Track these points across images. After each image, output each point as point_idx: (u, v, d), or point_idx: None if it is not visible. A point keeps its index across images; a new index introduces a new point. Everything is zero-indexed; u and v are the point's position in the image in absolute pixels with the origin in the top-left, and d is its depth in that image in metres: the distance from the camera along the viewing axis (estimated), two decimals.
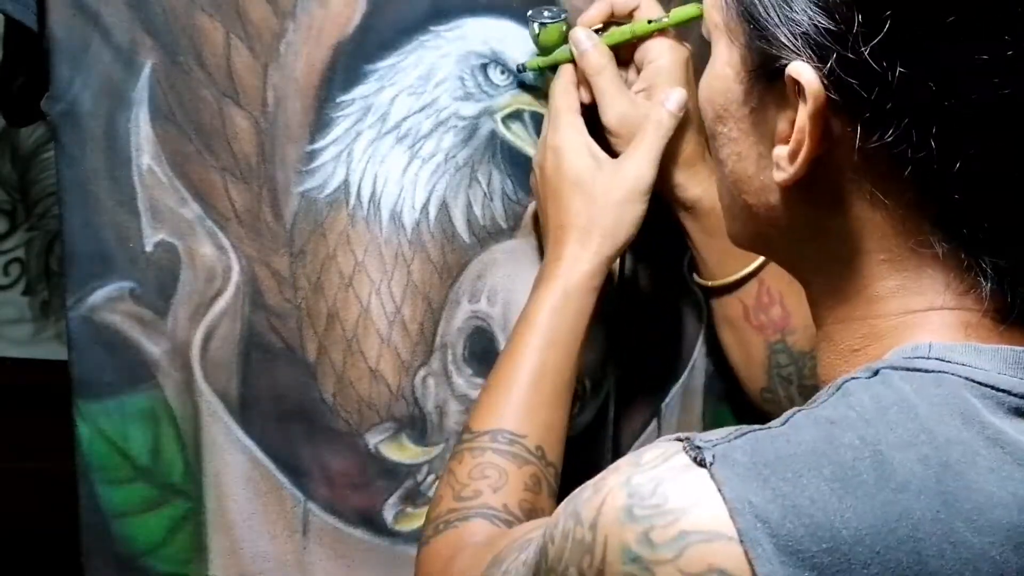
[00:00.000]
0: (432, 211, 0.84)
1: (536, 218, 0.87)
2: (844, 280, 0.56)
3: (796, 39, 0.51)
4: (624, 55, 0.84)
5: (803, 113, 0.51)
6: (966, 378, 0.50)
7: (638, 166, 0.78)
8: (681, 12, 0.81)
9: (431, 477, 0.86)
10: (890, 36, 0.48)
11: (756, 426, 0.50)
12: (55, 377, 0.87)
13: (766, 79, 0.54)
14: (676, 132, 0.80)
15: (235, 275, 0.80)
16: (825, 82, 0.50)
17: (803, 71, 0.50)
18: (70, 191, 0.77)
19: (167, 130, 0.78)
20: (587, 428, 0.90)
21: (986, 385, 0.50)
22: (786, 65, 0.51)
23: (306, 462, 0.83)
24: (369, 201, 0.82)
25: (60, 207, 0.78)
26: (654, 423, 0.94)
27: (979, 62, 0.48)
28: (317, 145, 0.81)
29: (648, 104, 0.80)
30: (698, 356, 0.97)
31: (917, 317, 0.54)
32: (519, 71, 0.85)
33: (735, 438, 0.49)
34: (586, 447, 0.90)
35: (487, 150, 0.85)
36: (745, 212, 0.60)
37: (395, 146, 0.83)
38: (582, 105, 0.82)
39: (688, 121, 0.81)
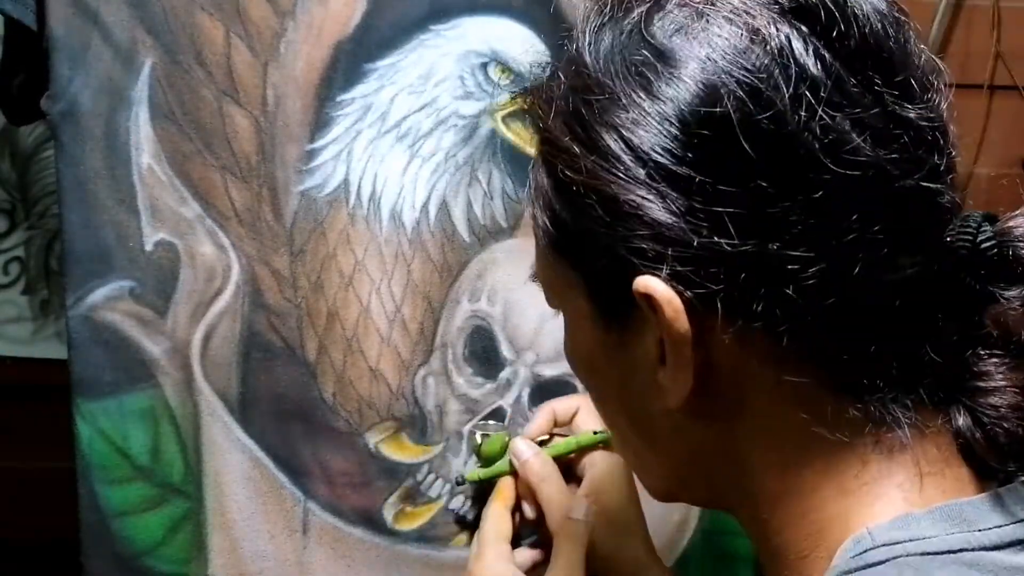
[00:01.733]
0: (432, 210, 0.84)
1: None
2: (770, 483, 0.52)
3: (631, 258, 0.48)
4: (566, 462, 0.82)
5: (665, 323, 0.48)
6: (922, 553, 0.47)
7: None
8: None
9: (431, 476, 0.86)
10: (715, 216, 0.46)
11: None
12: (55, 376, 0.86)
13: (614, 310, 0.51)
14: (624, 541, 0.78)
15: (235, 274, 0.80)
16: (671, 283, 0.48)
17: (648, 281, 0.48)
18: (70, 190, 0.77)
19: (167, 129, 0.78)
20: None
21: (945, 552, 0.47)
22: (627, 285, 0.49)
23: (306, 461, 0.83)
24: (369, 200, 0.82)
25: (60, 206, 0.78)
26: None
27: (802, 208, 0.46)
28: (317, 144, 0.81)
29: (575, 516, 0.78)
30: None
31: (853, 498, 0.50)
32: (458, 483, 0.85)
33: None
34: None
35: (487, 149, 0.85)
36: (650, 456, 0.57)
37: (395, 145, 0.83)
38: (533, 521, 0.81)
39: (634, 528, 0.79)
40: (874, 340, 0.48)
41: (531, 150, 0.86)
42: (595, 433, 0.81)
